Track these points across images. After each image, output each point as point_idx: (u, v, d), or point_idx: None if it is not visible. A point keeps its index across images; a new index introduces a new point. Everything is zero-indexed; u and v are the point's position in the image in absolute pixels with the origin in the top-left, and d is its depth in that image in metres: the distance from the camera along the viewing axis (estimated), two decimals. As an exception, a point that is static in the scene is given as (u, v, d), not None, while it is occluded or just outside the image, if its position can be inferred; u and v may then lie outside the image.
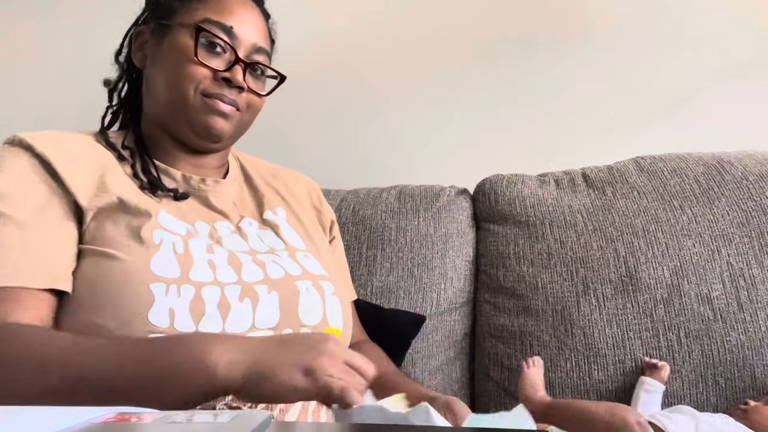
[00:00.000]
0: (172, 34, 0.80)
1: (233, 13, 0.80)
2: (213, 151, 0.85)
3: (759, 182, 1.15)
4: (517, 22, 1.58)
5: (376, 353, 0.92)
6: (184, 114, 0.79)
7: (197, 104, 0.79)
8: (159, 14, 0.83)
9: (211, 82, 0.78)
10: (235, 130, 0.83)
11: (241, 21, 0.80)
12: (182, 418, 0.38)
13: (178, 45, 0.79)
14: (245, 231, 0.83)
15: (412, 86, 1.61)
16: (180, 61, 0.78)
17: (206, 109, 0.79)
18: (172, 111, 0.80)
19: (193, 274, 0.70)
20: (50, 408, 0.41)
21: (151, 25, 0.84)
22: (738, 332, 1.04)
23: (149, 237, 0.70)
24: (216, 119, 0.80)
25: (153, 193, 0.77)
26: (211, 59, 0.78)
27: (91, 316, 0.66)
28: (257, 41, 0.82)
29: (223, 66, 0.79)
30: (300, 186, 0.99)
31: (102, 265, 0.68)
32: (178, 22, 0.80)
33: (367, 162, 1.59)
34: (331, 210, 1.03)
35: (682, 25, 1.53)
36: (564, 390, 1.07)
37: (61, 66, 1.64)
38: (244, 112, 0.83)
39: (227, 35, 0.79)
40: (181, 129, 0.81)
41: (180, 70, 0.78)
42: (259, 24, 0.83)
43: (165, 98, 0.80)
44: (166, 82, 0.79)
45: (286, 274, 0.78)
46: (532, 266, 1.17)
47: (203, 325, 0.67)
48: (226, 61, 0.79)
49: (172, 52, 0.79)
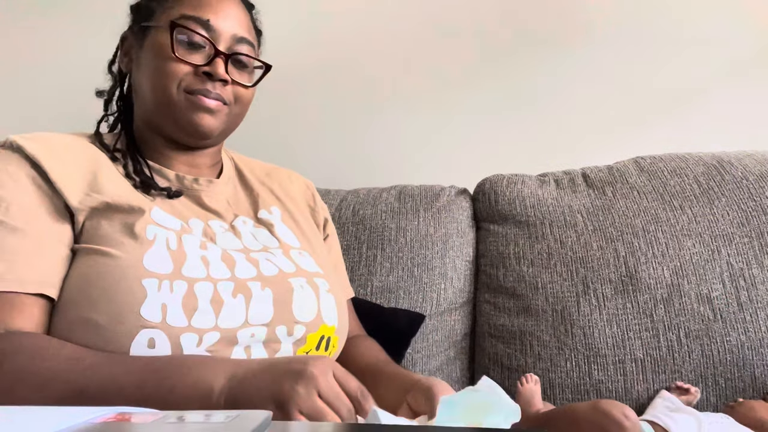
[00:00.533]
0: (151, 35, 0.80)
1: (210, 6, 0.80)
2: (204, 147, 0.85)
3: (759, 182, 1.15)
4: (517, 22, 1.58)
5: (370, 345, 0.92)
6: (170, 113, 0.79)
7: (181, 102, 0.78)
8: (140, 17, 0.83)
9: (192, 78, 0.78)
10: (225, 125, 0.83)
11: (218, 13, 0.80)
12: (181, 418, 0.38)
13: (156, 44, 0.79)
14: (239, 229, 0.83)
15: (412, 86, 1.61)
16: (159, 60, 0.78)
17: (191, 107, 0.78)
18: (158, 111, 0.80)
19: (186, 269, 0.70)
20: (50, 408, 0.41)
21: (134, 29, 0.84)
22: (738, 332, 1.04)
23: (143, 233, 0.71)
24: (202, 116, 0.79)
25: (146, 192, 0.78)
26: (190, 55, 0.78)
27: (85, 312, 0.66)
28: (237, 32, 0.81)
29: (203, 60, 0.78)
30: (295, 185, 0.99)
31: (97, 262, 0.68)
32: (156, 22, 0.80)
33: (367, 162, 1.59)
34: (325, 208, 1.03)
35: (682, 25, 1.53)
36: (564, 390, 1.08)
37: (57, 69, 1.64)
38: (232, 106, 0.82)
39: (204, 29, 0.78)
40: (169, 128, 0.81)
41: (161, 69, 0.78)
42: (239, 15, 0.82)
43: (151, 99, 0.80)
44: (150, 83, 0.79)
45: (279, 271, 0.79)
46: (532, 266, 1.17)
47: (196, 321, 0.68)
48: (206, 56, 0.79)
49: (151, 52, 0.79)
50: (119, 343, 0.65)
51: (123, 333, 0.65)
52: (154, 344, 0.65)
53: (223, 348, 0.70)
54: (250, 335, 0.72)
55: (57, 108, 1.45)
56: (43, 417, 0.39)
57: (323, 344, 0.80)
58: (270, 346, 0.74)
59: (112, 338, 0.65)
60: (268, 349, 0.74)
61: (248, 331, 0.72)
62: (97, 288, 0.66)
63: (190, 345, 0.67)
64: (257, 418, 0.37)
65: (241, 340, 0.71)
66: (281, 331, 0.75)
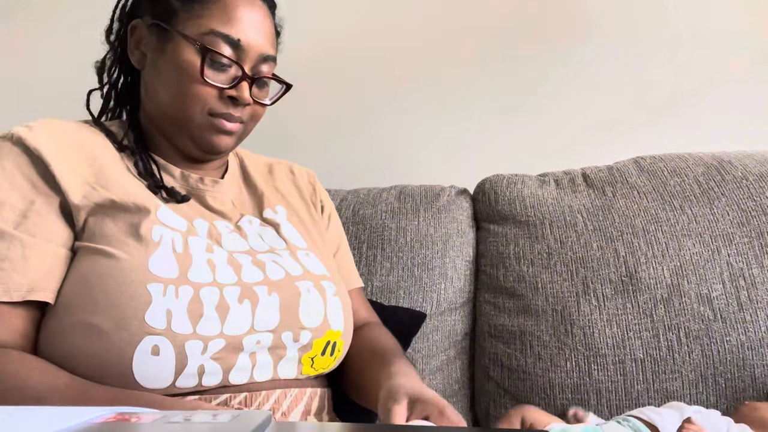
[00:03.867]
0: (175, 44, 0.75)
1: (240, 21, 0.75)
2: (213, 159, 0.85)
3: (759, 182, 1.15)
4: (517, 23, 1.58)
5: (379, 333, 0.91)
6: (188, 131, 0.78)
7: (204, 124, 0.77)
8: (157, 13, 0.78)
9: (217, 101, 0.76)
10: (239, 140, 0.82)
11: (248, 29, 0.76)
12: (181, 418, 0.38)
13: (182, 61, 0.75)
14: (245, 230, 0.82)
15: (412, 86, 1.61)
16: (185, 79, 0.75)
17: (212, 129, 0.77)
18: (175, 125, 0.78)
19: (191, 274, 0.69)
20: (50, 408, 0.41)
21: (147, 20, 0.79)
22: (738, 332, 1.04)
23: (148, 234, 0.69)
24: (221, 138, 0.78)
25: (154, 193, 0.76)
26: (217, 75, 0.75)
27: (86, 316, 0.64)
28: (264, 50, 0.78)
29: (228, 82, 0.76)
30: (297, 178, 0.98)
31: (100, 263, 0.67)
32: (181, 30, 0.75)
33: (367, 162, 1.59)
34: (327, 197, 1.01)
35: (681, 25, 1.53)
36: (564, 390, 1.08)
37: (56, 63, 1.64)
38: (248, 123, 0.81)
39: (234, 49, 0.75)
40: (182, 142, 0.80)
41: (185, 89, 0.75)
42: (265, 26, 0.79)
43: (169, 113, 0.78)
44: (170, 98, 0.77)
45: (287, 274, 0.77)
46: (532, 266, 1.16)
47: (201, 327, 0.67)
48: (231, 77, 0.76)
49: (175, 66, 0.75)
50: (122, 350, 0.63)
51: (126, 339, 0.63)
52: (158, 351, 0.64)
53: (228, 355, 0.69)
54: (256, 342, 0.71)
55: (52, 103, 1.44)
56: (43, 417, 0.39)
57: (329, 349, 0.79)
58: (275, 352, 0.74)
59: (114, 344, 0.63)
60: (274, 355, 0.74)
61: (254, 337, 0.71)
62: (100, 291, 0.65)
63: (195, 352, 0.66)
64: (257, 418, 0.37)
65: (247, 347, 0.70)
66: (287, 336, 0.74)
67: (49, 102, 1.56)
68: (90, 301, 0.65)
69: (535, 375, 1.10)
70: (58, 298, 0.67)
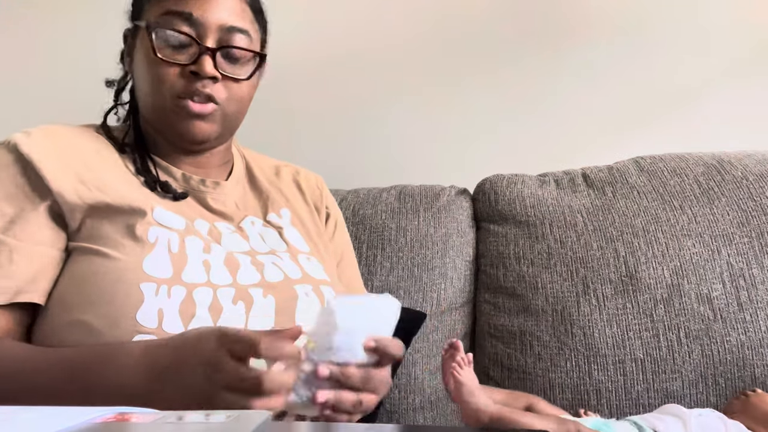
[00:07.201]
0: (140, 35, 0.77)
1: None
2: (210, 148, 0.83)
3: (759, 182, 1.15)
4: (517, 23, 1.58)
5: None
6: (164, 120, 0.77)
7: (174, 108, 0.75)
8: (134, 14, 0.80)
9: (180, 80, 0.74)
10: (221, 127, 0.78)
11: (204, 2, 0.74)
12: (180, 418, 0.38)
13: (142, 47, 0.76)
14: (246, 230, 0.81)
15: (412, 86, 1.61)
16: (146, 64, 0.75)
17: (181, 114, 0.75)
18: (158, 119, 0.78)
19: (185, 275, 0.69)
20: (50, 408, 0.41)
21: (131, 27, 0.81)
22: (738, 332, 1.04)
23: (144, 235, 0.69)
24: (192, 123, 0.75)
25: (151, 189, 0.76)
26: (175, 54, 0.73)
27: (79, 314, 0.65)
28: (227, 21, 0.75)
29: (189, 59, 0.73)
30: (303, 183, 0.96)
31: (94, 263, 0.67)
32: (146, 21, 0.76)
33: (367, 162, 1.59)
34: (334, 203, 1.00)
35: (682, 25, 1.53)
36: (564, 390, 1.08)
37: (67, 64, 1.64)
38: (226, 104, 0.77)
39: (188, 24, 0.73)
40: (167, 133, 0.79)
41: (149, 73, 0.74)
42: (229, 2, 0.76)
43: (149, 104, 0.78)
44: (144, 88, 0.77)
45: (285, 277, 0.77)
46: (532, 266, 1.17)
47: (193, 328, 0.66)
48: (192, 54, 0.74)
49: (142, 57, 0.76)
50: None
51: (118, 338, 0.63)
52: None
53: None
54: None
55: (62, 105, 1.44)
56: (43, 417, 0.39)
57: None
58: None
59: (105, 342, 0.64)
60: None
61: None
62: (94, 289, 0.65)
63: None
64: (256, 419, 0.37)
65: None
66: None
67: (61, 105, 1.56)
68: (84, 299, 0.66)
69: (535, 375, 1.10)
70: (53, 297, 0.68)
